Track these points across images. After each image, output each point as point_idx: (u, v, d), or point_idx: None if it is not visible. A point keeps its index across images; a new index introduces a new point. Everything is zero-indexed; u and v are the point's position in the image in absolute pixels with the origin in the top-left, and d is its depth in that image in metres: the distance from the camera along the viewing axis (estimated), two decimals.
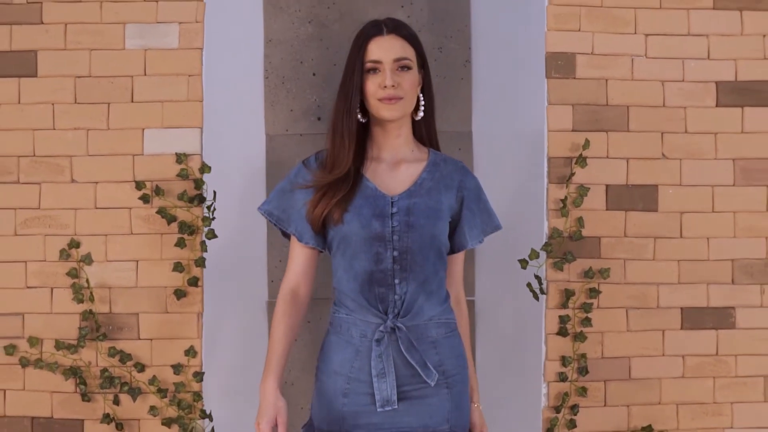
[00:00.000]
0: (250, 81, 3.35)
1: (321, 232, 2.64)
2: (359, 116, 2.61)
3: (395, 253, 2.56)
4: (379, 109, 2.57)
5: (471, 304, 3.17)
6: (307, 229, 2.63)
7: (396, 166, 2.65)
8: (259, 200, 3.18)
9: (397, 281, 2.57)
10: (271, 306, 3.38)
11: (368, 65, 2.57)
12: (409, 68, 2.57)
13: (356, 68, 2.57)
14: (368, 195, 2.60)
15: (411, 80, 2.58)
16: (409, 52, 2.58)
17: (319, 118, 3.33)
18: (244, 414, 3.23)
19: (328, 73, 3.31)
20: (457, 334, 2.66)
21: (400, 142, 2.64)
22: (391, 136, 2.63)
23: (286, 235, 2.71)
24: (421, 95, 2.65)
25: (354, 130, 2.60)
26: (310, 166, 2.66)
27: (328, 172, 2.61)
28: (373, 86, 2.56)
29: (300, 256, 2.66)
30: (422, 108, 2.65)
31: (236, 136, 3.31)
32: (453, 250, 2.70)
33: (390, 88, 2.54)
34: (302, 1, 3.35)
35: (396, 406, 2.55)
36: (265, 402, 2.56)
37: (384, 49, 2.56)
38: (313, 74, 3.33)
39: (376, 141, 2.65)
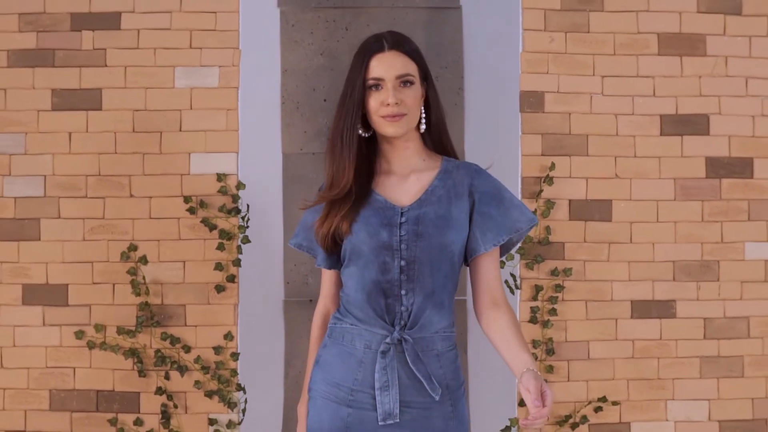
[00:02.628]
0: (269, 106, 3.35)
1: (335, 251, 2.43)
2: (361, 132, 2.39)
3: (402, 263, 2.33)
4: (382, 126, 2.36)
5: (463, 303, 3.14)
6: (320, 251, 2.44)
7: (406, 178, 2.42)
8: (276, 211, 3.24)
9: (403, 292, 2.34)
10: (287, 305, 3.34)
11: (370, 82, 2.35)
12: (411, 83, 2.36)
13: (357, 85, 2.36)
14: (377, 207, 2.38)
15: (414, 95, 2.36)
16: (411, 68, 2.37)
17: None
18: (270, 388, 3.30)
19: (338, 99, 3.11)
20: (456, 347, 2.43)
21: (408, 153, 2.42)
22: (398, 149, 2.41)
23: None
24: (422, 108, 2.41)
25: (355, 147, 2.37)
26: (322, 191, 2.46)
27: (327, 190, 2.40)
28: (375, 103, 2.35)
29: (327, 280, 2.51)
30: (423, 121, 2.41)
31: (257, 155, 3.30)
32: (467, 257, 2.42)
33: (393, 106, 2.33)
34: (315, 36, 3.34)
35: (398, 420, 2.32)
36: (300, 427, 2.47)
37: (386, 66, 2.35)
38: (324, 100, 3.36)
39: (385, 155, 2.43)
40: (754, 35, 3.26)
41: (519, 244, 2.39)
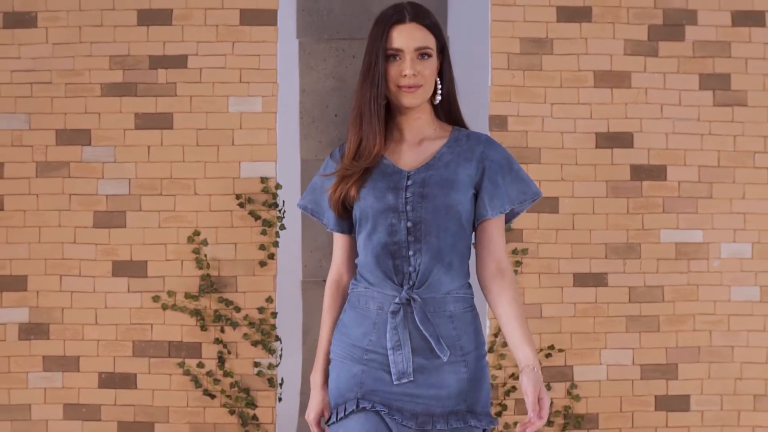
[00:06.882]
0: (289, 120, 3.66)
1: (345, 217, 2.32)
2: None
3: (409, 224, 2.22)
4: (398, 95, 2.26)
5: None
6: (331, 216, 2.34)
7: (418, 144, 2.32)
8: (296, 208, 3.31)
9: (411, 253, 2.23)
10: (304, 285, 3.65)
11: (389, 52, 2.25)
12: (429, 56, 2.26)
13: (380, 55, 2.24)
14: (385, 171, 2.27)
15: (431, 68, 2.26)
16: (429, 41, 2.26)
17: None
18: (299, 340, 3.74)
19: (346, 114, 3.37)
20: (474, 309, 2.29)
21: (420, 123, 2.31)
22: (411, 119, 2.31)
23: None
24: (438, 80, 2.30)
25: (382, 117, 2.26)
26: (335, 158, 2.36)
27: (352, 159, 2.26)
28: (393, 73, 2.25)
29: (339, 245, 2.39)
30: (440, 92, 2.31)
31: (283, 161, 3.58)
32: (474, 222, 2.30)
33: (411, 77, 2.24)
34: (327, 62, 3.63)
35: (411, 378, 2.21)
36: (313, 398, 2.32)
37: (405, 38, 2.24)
38: (335, 115, 3.65)
39: (397, 124, 2.32)
40: (668, 72, 3.63)
41: (520, 215, 2.34)
